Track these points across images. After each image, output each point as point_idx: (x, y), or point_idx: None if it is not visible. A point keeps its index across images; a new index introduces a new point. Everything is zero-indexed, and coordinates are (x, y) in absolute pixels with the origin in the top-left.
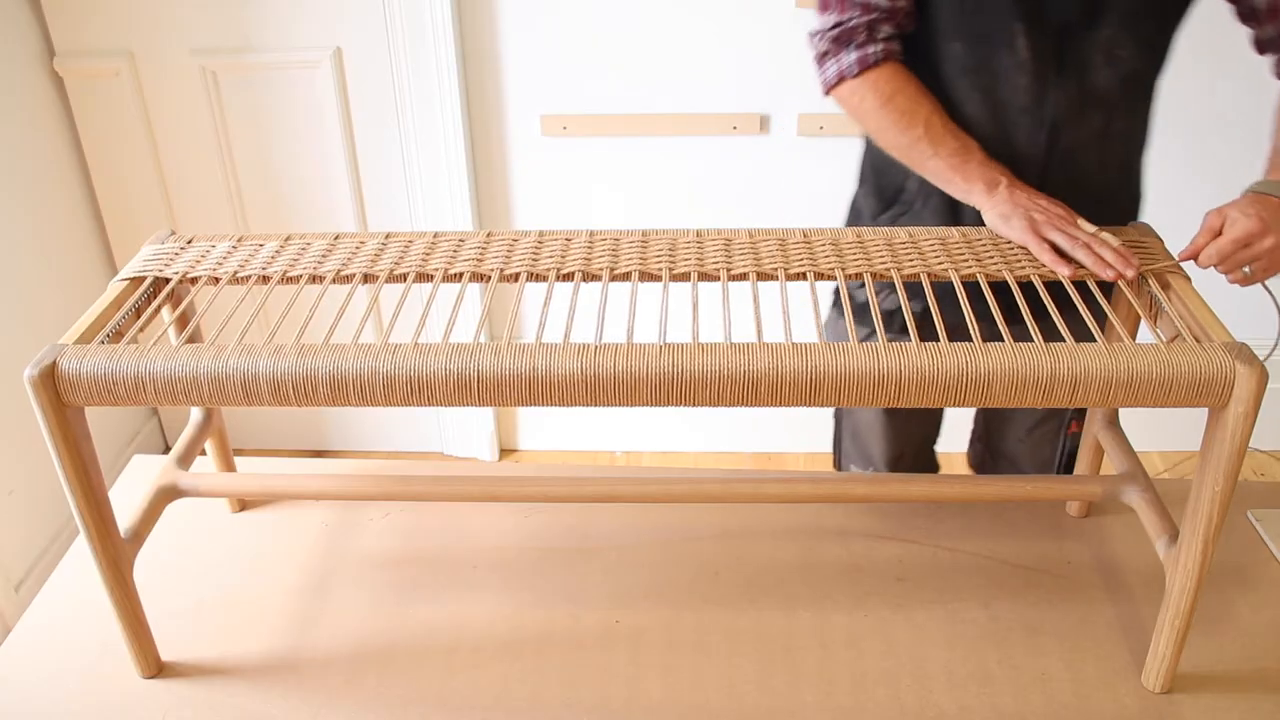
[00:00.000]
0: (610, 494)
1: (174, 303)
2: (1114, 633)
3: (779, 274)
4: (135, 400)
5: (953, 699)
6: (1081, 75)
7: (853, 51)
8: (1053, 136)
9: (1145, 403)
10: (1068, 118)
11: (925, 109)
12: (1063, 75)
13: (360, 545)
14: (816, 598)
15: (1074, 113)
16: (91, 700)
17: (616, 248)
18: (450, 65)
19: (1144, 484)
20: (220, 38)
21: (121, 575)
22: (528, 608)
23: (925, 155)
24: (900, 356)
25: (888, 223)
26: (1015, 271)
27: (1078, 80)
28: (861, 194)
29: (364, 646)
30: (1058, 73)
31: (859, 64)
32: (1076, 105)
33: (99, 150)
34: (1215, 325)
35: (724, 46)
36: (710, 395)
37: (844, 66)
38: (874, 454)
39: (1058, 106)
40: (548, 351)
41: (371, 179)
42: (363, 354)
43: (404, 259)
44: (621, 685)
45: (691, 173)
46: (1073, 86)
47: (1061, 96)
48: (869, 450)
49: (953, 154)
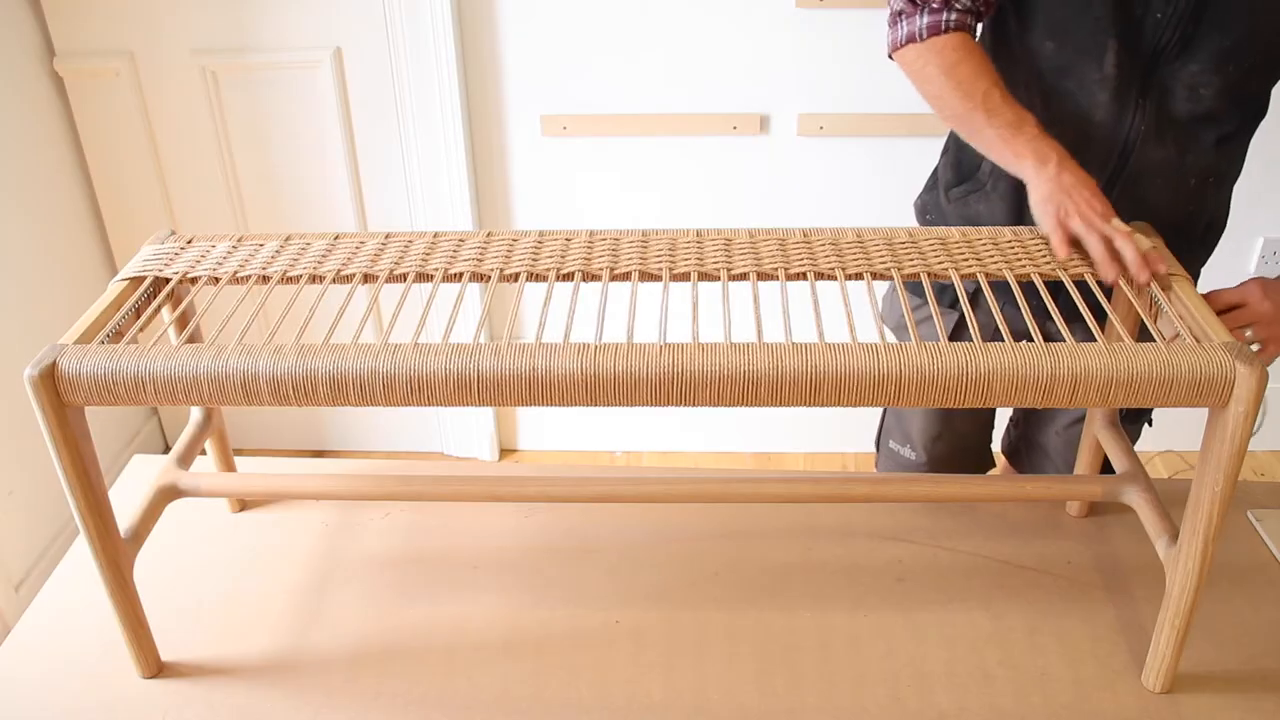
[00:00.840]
0: (610, 494)
1: (174, 303)
2: (1114, 633)
3: (779, 274)
4: (135, 400)
5: (953, 699)
6: (1161, 103)
7: (927, 15)
8: (1123, 157)
9: (1145, 403)
10: (1142, 142)
11: (986, 81)
12: (1144, 99)
13: (360, 545)
14: (816, 598)
15: (1148, 138)
16: (91, 700)
17: (616, 248)
18: (450, 65)
19: (1144, 484)
20: (220, 38)
21: (121, 575)
22: (528, 608)
23: (979, 125)
24: (900, 356)
25: (960, 196)
26: (1016, 271)
27: (1157, 107)
28: (943, 164)
29: (364, 646)
30: (1140, 95)
31: (930, 29)
32: (1152, 131)
33: (99, 150)
34: (1215, 325)
35: (724, 46)
36: (710, 395)
37: (915, 28)
38: (912, 432)
39: (1134, 129)
40: (548, 351)
41: (371, 179)
42: (362, 354)
43: (404, 259)
44: (621, 685)
45: (691, 173)
46: (1151, 112)
47: (1139, 119)
48: (909, 428)
49: (1006, 125)
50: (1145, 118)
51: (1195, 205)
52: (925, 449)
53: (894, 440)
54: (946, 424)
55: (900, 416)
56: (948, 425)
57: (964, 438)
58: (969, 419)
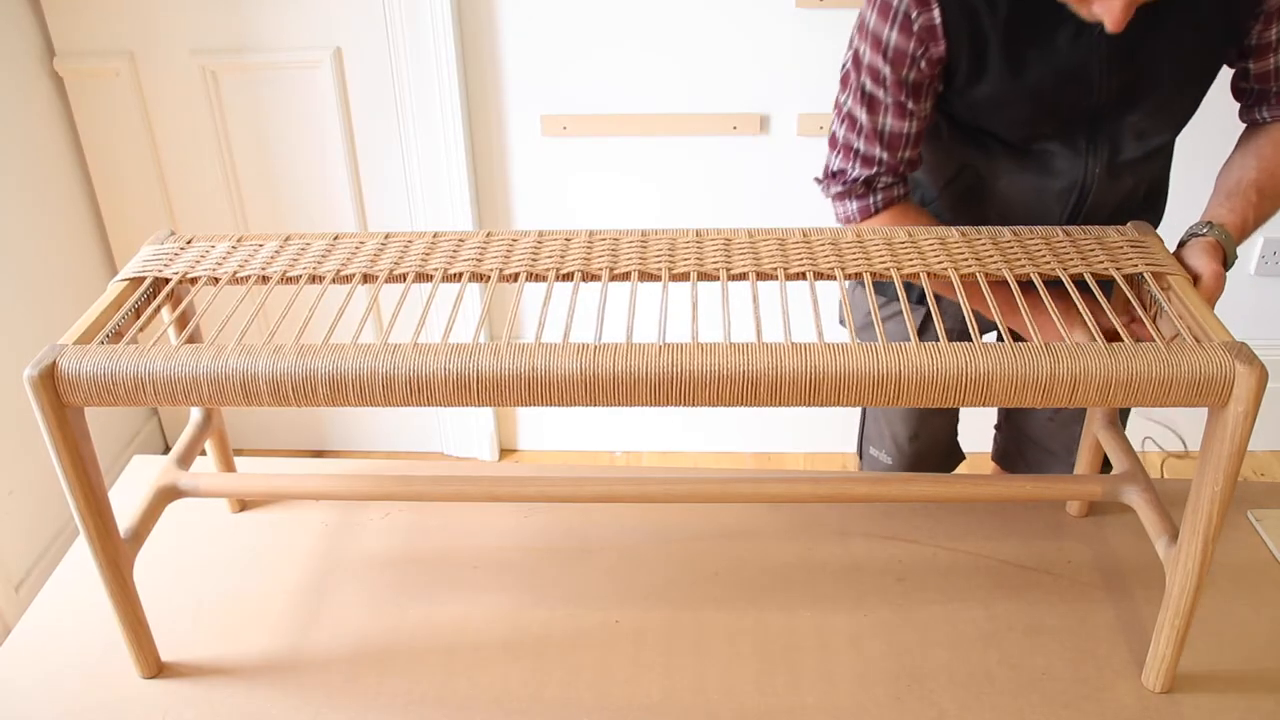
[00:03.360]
0: (610, 494)
1: (174, 303)
2: (1114, 633)
3: (779, 274)
4: (135, 400)
5: (953, 699)
6: (1113, 149)
7: (854, 201)
8: (1081, 199)
9: (1145, 402)
10: (1098, 183)
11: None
12: (1095, 150)
13: (360, 545)
14: (816, 598)
15: (1104, 180)
16: (91, 700)
17: (616, 248)
18: (450, 65)
19: (1144, 484)
20: (220, 38)
21: (121, 575)
22: (528, 608)
23: None
24: (900, 356)
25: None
26: (1015, 270)
27: (1109, 155)
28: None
29: (364, 646)
30: (1089, 150)
31: (861, 213)
32: (1106, 174)
33: (99, 150)
34: (1215, 325)
35: (724, 46)
36: (710, 395)
37: (849, 212)
38: (887, 435)
39: (1089, 175)
40: (547, 351)
41: (371, 179)
42: (362, 354)
43: (403, 259)
44: (621, 685)
45: (691, 173)
46: (1104, 159)
47: (1094, 165)
48: (886, 431)
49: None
50: (1099, 163)
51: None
52: (901, 449)
53: (874, 446)
54: (923, 423)
55: (878, 421)
56: (924, 424)
57: (936, 432)
58: (942, 415)
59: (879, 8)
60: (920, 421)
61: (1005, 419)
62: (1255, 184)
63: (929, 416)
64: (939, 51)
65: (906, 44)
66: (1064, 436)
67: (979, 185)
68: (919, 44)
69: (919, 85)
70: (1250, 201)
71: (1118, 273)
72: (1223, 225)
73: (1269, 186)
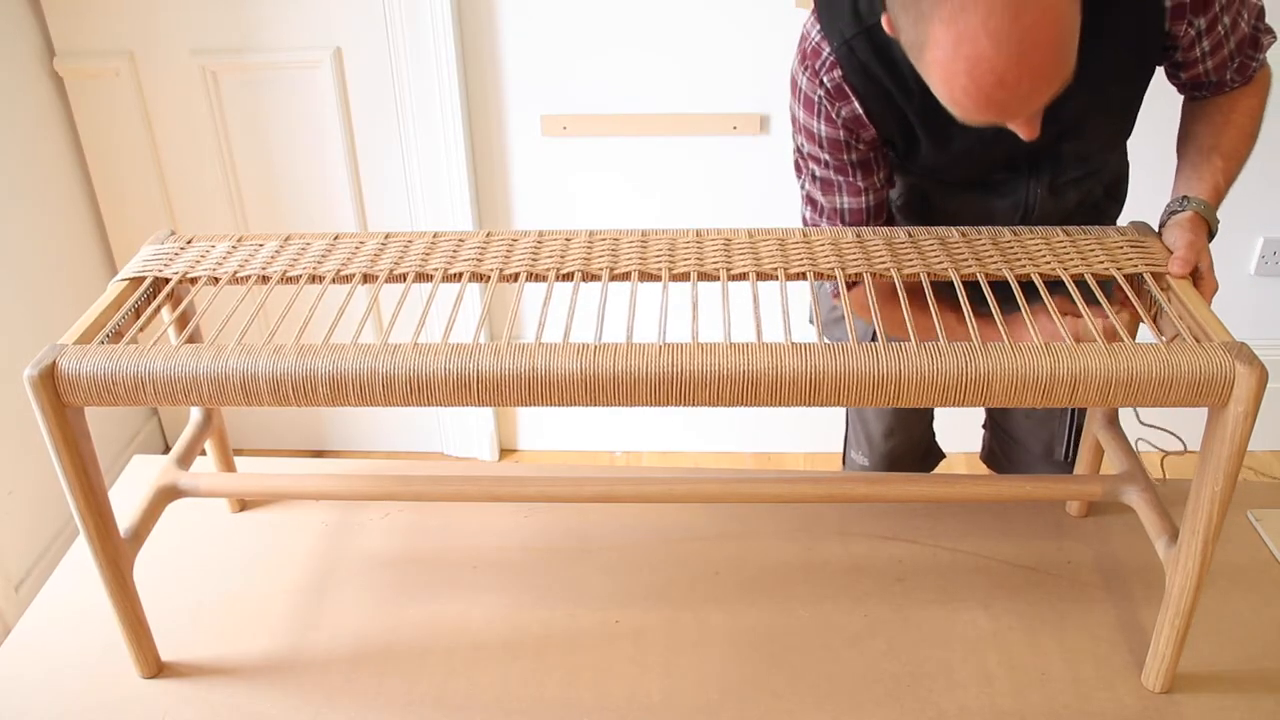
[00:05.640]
0: (610, 494)
1: (174, 303)
2: (1114, 633)
3: (779, 274)
4: (135, 400)
5: (953, 699)
6: (1055, 174)
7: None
8: (1026, 214)
9: (1145, 402)
10: (1040, 203)
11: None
12: (1036, 175)
13: (360, 545)
14: (816, 598)
15: (1047, 199)
16: (91, 700)
17: (616, 248)
18: (450, 65)
19: (1144, 484)
20: (220, 38)
21: (121, 575)
22: (528, 608)
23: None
24: (900, 356)
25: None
26: (1015, 270)
27: (1051, 177)
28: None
29: (364, 646)
30: (1031, 174)
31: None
32: (1049, 193)
33: (99, 150)
34: (1215, 325)
35: (724, 46)
36: (710, 395)
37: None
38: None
39: (1032, 195)
40: (547, 351)
41: (371, 179)
42: (362, 354)
43: (404, 259)
44: (621, 685)
45: (691, 173)
46: (1045, 181)
47: (1036, 187)
48: (861, 432)
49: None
50: (1040, 185)
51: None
52: (876, 447)
53: (853, 449)
54: (898, 419)
55: (856, 420)
56: (899, 420)
57: (911, 429)
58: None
59: (803, 102)
60: (895, 418)
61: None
62: (1217, 149)
63: (904, 413)
64: (870, 135)
65: (837, 132)
66: (1042, 434)
67: (926, 204)
68: (849, 132)
69: (865, 163)
70: (1217, 167)
71: (1118, 273)
72: (1197, 196)
73: (1229, 147)
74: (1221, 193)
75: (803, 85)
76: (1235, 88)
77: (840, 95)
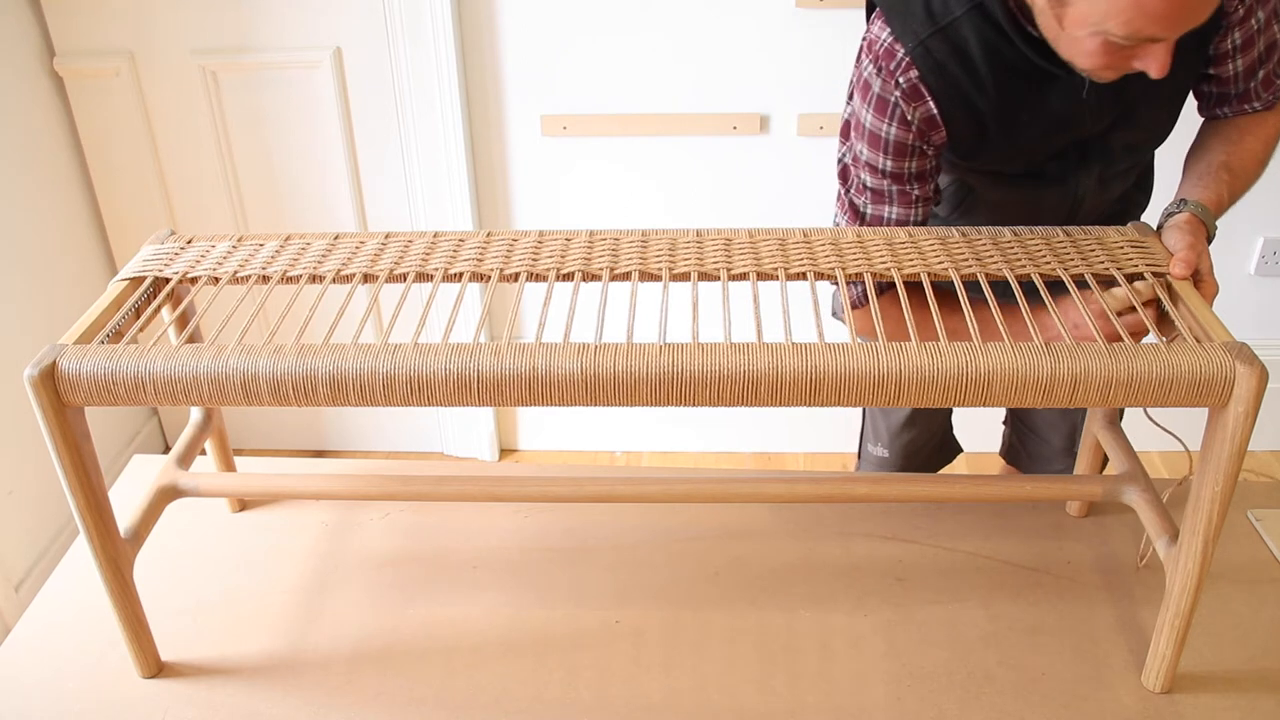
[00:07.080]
0: (610, 494)
1: (174, 303)
2: (1114, 633)
3: (779, 274)
4: (135, 400)
5: (953, 699)
6: (1105, 165)
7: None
8: (1075, 207)
9: (1145, 403)
10: (1090, 195)
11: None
12: (1086, 167)
13: (360, 545)
14: (816, 598)
15: (1096, 190)
16: (91, 700)
17: (616, 248)
18: (450, 65)
19: (1144, 484)
20: (220, 38)
21: (121, 575)
22: (528, 608)
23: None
24: (900, 356)
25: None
26: (1016, 270)
27: (1101, 168)
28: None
29: (364, 646)
30: (1081, 166)
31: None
32: (1098, 185)
33: (99, 150)
34: (1215, 325)
35: (724, 46)
36: (710, 395)
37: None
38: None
39: (1082, 187)
40: (548, 351)
41: (371, 179)
42: (362, 354)
43: (404, 259)
44: (621, 685)
45: (691, 173)
46: (1095, 172)
47: (1086, 179)
48: (881, 424)
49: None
50: (1091, 177)
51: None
52: (895, 438)
53: (869, 442)
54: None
55: (875, 413)
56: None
57: (929, 422)
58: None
59: (874, 106)
60: (913, 409)
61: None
62: (1225, 164)
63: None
64: (940, 138)
65: (906, 136)
66: (1064, 426)
67: (972, 196)
68: (919, 136)
69: (922, 174)
70: (1223, 180)
71: (1119, 273)
72: (1198, 200)
73: (1238, 165)
74: (1224, 205)
75: (876, 88)
76: (1256, 110)
77: (916, 96)
